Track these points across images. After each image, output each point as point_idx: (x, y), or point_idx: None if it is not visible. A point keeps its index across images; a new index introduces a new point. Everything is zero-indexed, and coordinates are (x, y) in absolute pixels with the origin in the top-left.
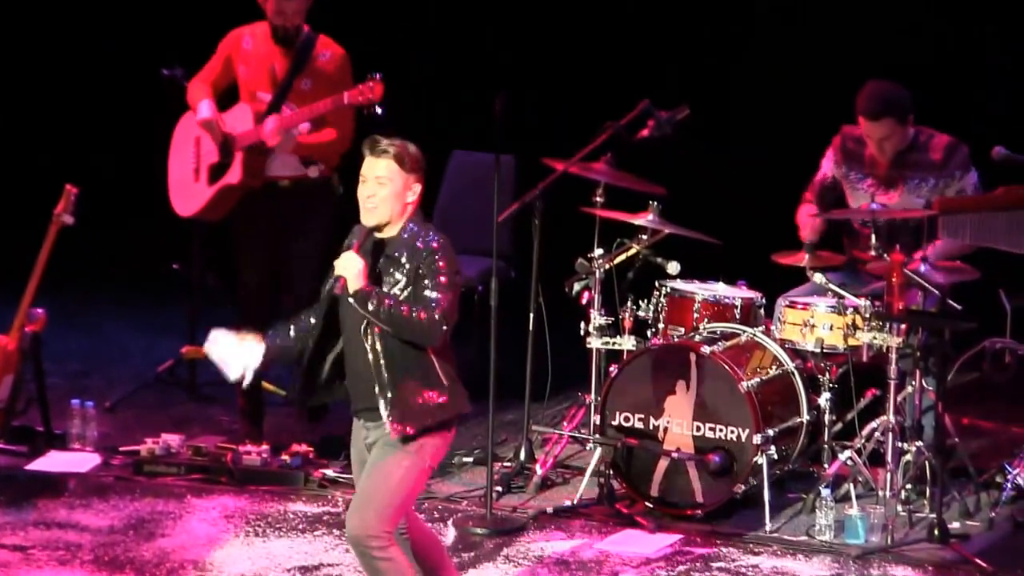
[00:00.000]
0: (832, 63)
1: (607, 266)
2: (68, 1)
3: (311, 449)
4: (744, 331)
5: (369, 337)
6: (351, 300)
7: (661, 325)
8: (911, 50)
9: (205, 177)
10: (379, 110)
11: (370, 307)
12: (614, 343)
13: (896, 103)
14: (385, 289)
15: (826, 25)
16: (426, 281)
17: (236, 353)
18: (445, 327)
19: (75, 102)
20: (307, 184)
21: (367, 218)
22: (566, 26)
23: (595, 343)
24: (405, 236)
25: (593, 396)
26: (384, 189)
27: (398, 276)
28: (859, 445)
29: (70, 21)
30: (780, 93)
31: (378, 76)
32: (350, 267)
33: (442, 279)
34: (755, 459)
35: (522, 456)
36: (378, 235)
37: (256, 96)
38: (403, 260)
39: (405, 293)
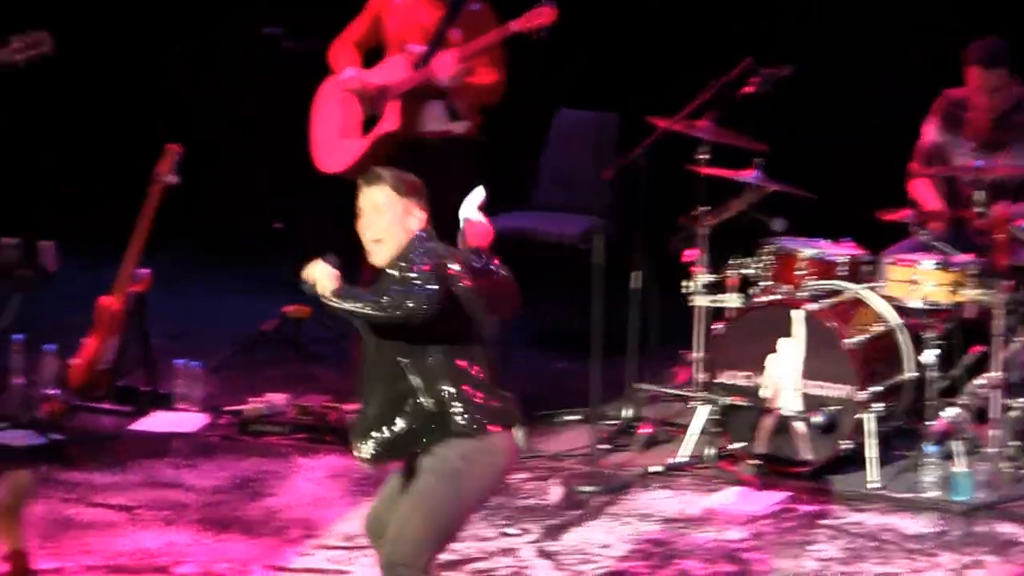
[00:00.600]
0: (937, 21)
1: (711, 224)
2: None
3: None
4: (849, 288)
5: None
6: (332, 303)
7: (765, 283)
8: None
9: (358, 132)
10: (545, 35)
11: (348, 304)
12: (718, 301)
13: (1008, 54)
14: None
15: None
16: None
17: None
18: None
19: (179, 62)
20: (453, 140)
21: (375, 259)
22: None
23: (699, 301)
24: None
25: (698, 354)
26: (383, 218)
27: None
28: (965, 402)
29: None
30: (885, 51)
31: (550, 1)
32: (317, 272)
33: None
34: (860, 416)
35: (627, 414)
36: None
37: (407, 48)
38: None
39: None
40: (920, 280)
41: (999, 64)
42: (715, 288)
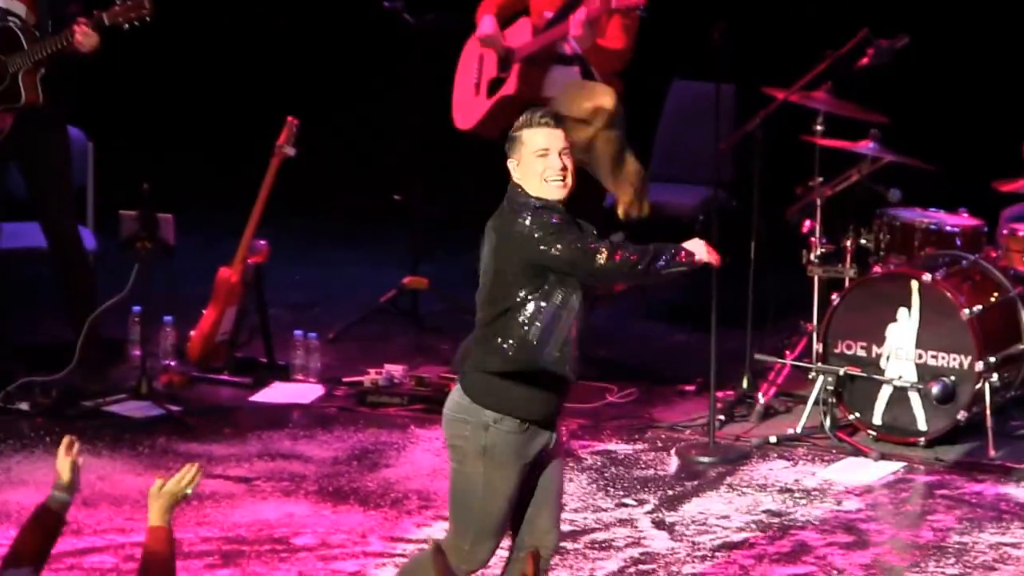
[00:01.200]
0: None
1: (828, 195)
2: None
3: None
4: (966, 258)
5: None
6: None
7: (882, 253)
8: None
9: (484, 91)
10: (645, 13)
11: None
12: (836, 272)
13: None
14: None
15: None
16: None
17: None
18: None
19: (298, 33)
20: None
21: (559, 193)
22: None
23: (817, 272)
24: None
25: (815, 324)
26: (570, 160)
27: None
28: None
29: None
30: (1002, 17)
31: None
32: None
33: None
34: (978, 386)
35: (745, 385)
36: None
37: (541, 15)
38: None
39: None
40: None
41: None
42: (832, 259)
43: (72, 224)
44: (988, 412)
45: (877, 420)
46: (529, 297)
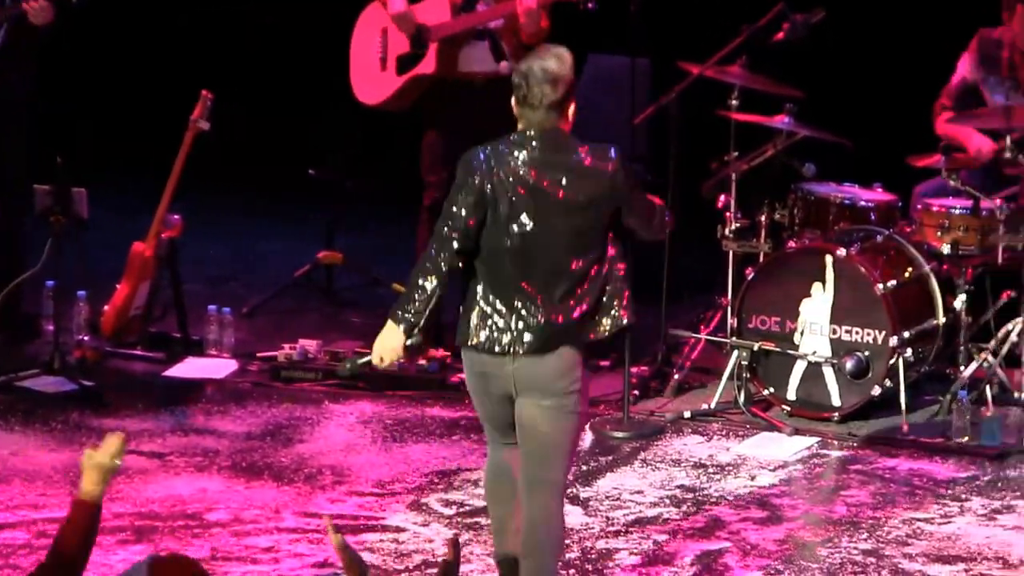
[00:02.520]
0: None
1: (743, 169)
2: None
3: (448, 354)
4: (880, 233)
5: None
6: None
7: (797, 228)
8: None
9: (393, 67)
10: (592, 5)
11: None
12: (750, 246)
13: None
14: None
15: None
16: None
17: None
18: None
19: (213, 6)
20: (500, 81)
21: None
22: None
23: (731, 246)
24: None
25: (730, 299)
26: None
27: None
28: (995, 347)
29: None
30: None
31: None
32: None
33: None
34: (891, 361)
35: (659, 360)
36: None
37: None
38: None
39: None
40: (950, 225)
41: None
42: (747, 234)
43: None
44: (902, 387)
45: (791, 395)
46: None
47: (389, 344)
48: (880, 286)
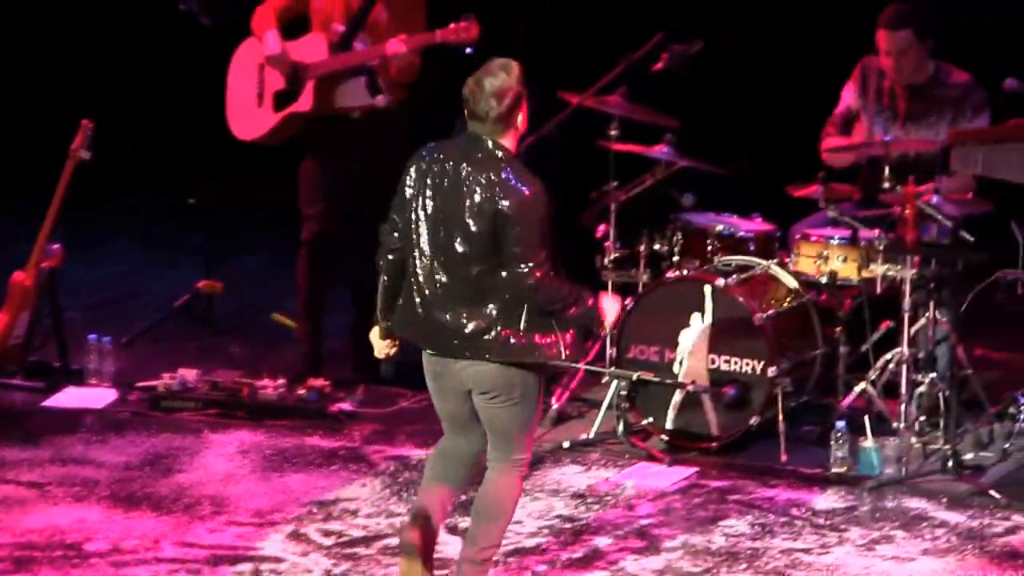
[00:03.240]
0: None
1: (622, 199)
2: None
3: (328, 384)
4: (759, 263)
5: None
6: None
7: (676, 258)
8: None
9: (270, 103)
10: (469, 50)
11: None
12: (629, 276)
13: (917, 17)
14: None
15: None
16: None
17: None
18: None
19: (91, 35)
20: (377, 115)
21: None
22: None
23: (611, 276)
24: None
25: (609, 329)
26: None
27: None
28: (873, 377)
29: None
30: (796, 24)
31: (473, 16)
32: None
33: None
34: (770, 391)
35: None
36: None
37: (330, 26)
38: None
39: None
40: (829, 255)
41: (903, 26)
42: (626, 263)
43: None
44: (780, 417)
45: (670, 425)
46: None
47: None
48: (759, 316)
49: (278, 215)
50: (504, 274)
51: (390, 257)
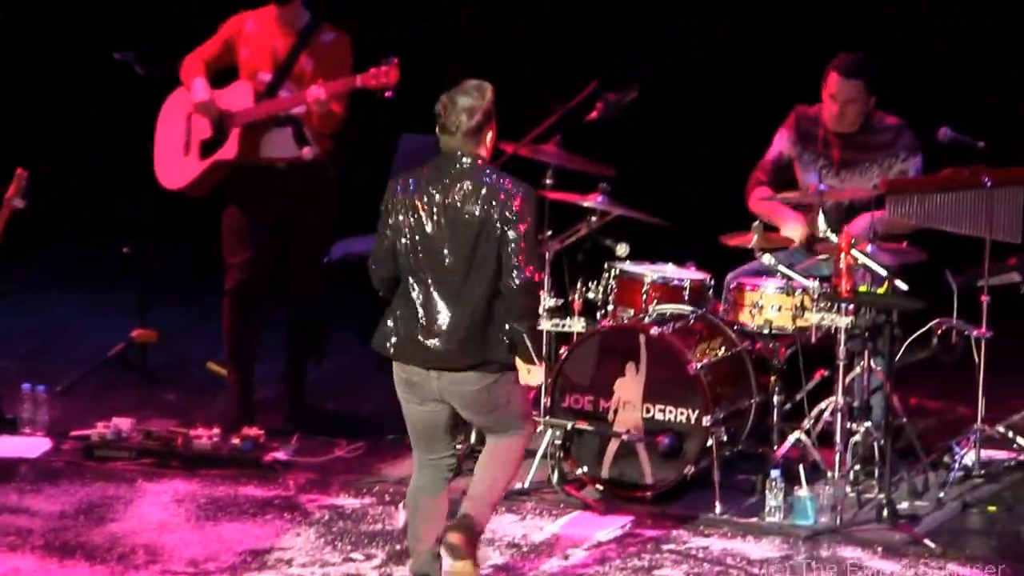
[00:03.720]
0: (783, 44)
1: (557, 248)
2: None
3: (262, 433)
4: (693, 313)
5: None
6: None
7: (611, 307)
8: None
9: (196, 152)
10: (389, 94)
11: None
12: (564, 325)
13: (871, 69)
14: None
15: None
16: None
17: None
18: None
19: (25, 84)
20: (303, 166)
21: None
22: (516, 6)
23: (545, 325)
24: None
25: (543, 378)
26: None
27: None
28: (808, 426)
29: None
30: (729, 74)
31: (394, 61)
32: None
33: None
34: (705, 441)
35: (472, 439)
36: None
37: (257, 76)
38: None
39: None
40: (764, 304)
41: (855, 75)
42: (561, 312)
43: None
44: (715, 466)
45: (605, 474)
46: None
47: None
48: (694, 365)
49: (213, 264)
50: (500, 278)
51: (390, 283)
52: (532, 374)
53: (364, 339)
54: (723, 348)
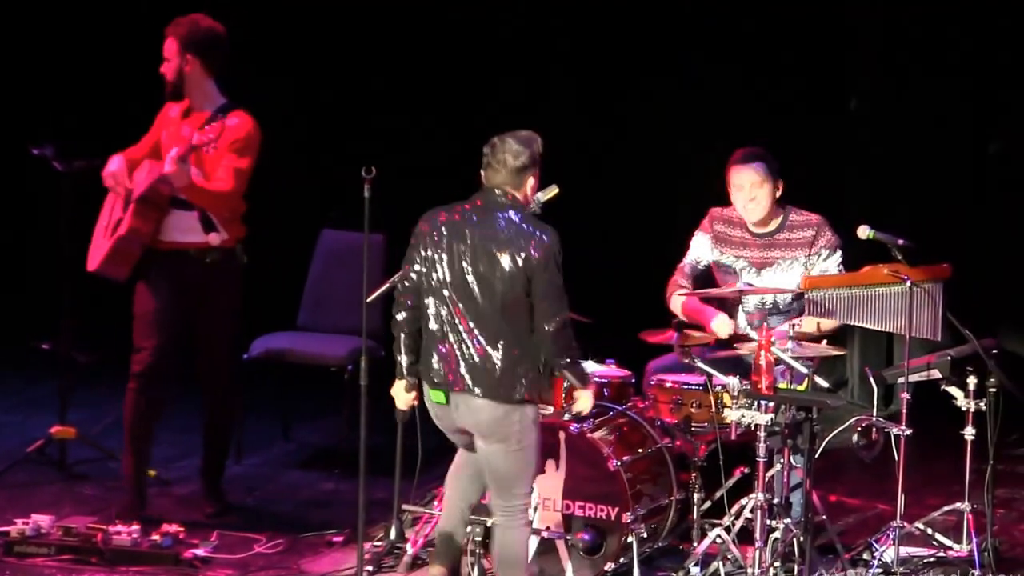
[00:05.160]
0: (700, 141)
1: None
2: None
3: (182, 529)
4: (614, 409)
5: None
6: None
7: None
8: (778, 130)
9: (109, 231)
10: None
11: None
12: None
13: (767, 156)
14: None
15: (691, 100)
16: None
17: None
18: None
19: None
20: (211, 252)
21: None
22: (434, 98)
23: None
24: None
25: (592, 402)
26: None
27: None
28: (728, 523)
29: None
30: (648, 171)
31: (220, 119)
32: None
33: None
34: (625, 537)
35: (392, 535)
36: None
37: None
38: None
39: None
40: (684, 401)
41: (755, 160)
42: None
43: None
44: (635, 563)
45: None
46: None
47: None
48: (614, 462)
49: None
50: (528, 319)
51: (406, 315)
52: (582, 400)
53: (285, 434)
54: (644, 445)
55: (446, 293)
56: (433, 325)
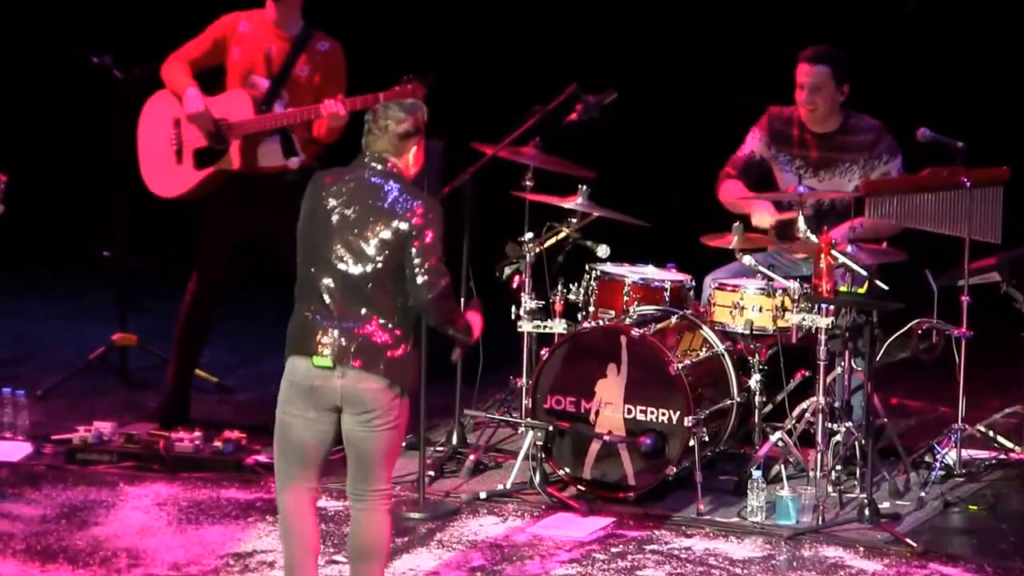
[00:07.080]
0: (760, 44)
1: (537, 250)
2: None
3: (244, 435)
4: (674, 314)
5: None
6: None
7: (592, 308)
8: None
9: (190, 161)
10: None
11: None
12: (545, 327)
13: (837, 58)
14: None
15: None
16: None
17: None
18: None
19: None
20: (289, 175)
21: None
22: (495, 7)
23: (526, 327)
24: None
25: (524, 380)
26: None
27: None
28: (789, 426)
29: None
30: (707, 76)
31: (414, 77)
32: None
33: None
34: (686, 441)
35: (454, 441)
36: None
37: (251, 80)
38: None
39: None
40: (745, 305)
41: (821, 62)
42: (542, 314)
43: None
44: (697, 466)
45: (587, 475)
46: None
47: None
48: (675, 366)
49: (190, 267)
50: (405, 287)
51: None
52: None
53: None
54: (704, 349)
55: (327, 263)
56: (319, 293)
